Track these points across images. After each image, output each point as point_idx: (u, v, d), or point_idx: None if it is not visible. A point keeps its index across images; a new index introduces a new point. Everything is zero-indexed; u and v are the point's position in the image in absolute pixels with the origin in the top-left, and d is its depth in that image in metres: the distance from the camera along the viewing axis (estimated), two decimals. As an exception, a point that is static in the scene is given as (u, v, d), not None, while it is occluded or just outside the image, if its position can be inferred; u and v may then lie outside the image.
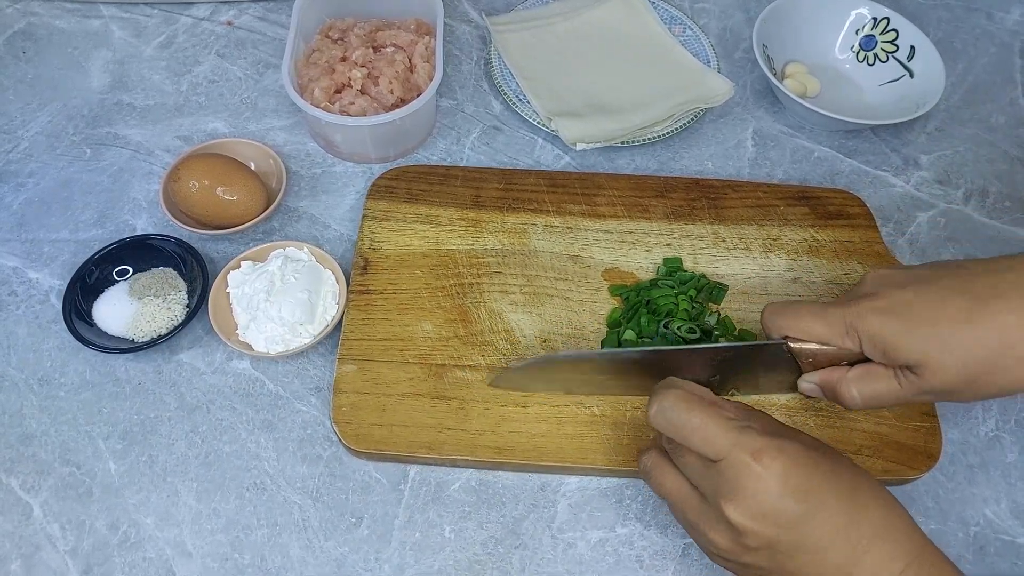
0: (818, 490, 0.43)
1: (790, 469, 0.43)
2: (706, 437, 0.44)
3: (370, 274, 0.63)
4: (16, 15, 0.83)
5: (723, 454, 0.44)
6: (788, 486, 0.42)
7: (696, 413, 0.45)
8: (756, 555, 0.44)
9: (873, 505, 0.44)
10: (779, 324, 0.52)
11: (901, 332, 0.48)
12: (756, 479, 0.43)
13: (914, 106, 0.73)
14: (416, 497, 0.56)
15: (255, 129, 0.75)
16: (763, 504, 0.43)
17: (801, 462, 0.43)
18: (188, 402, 0.60)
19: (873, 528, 0.43)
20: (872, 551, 0.43)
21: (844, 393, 0.51)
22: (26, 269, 0.66)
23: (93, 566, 0.53)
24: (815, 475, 0.43)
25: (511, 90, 0.75)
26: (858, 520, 0.43)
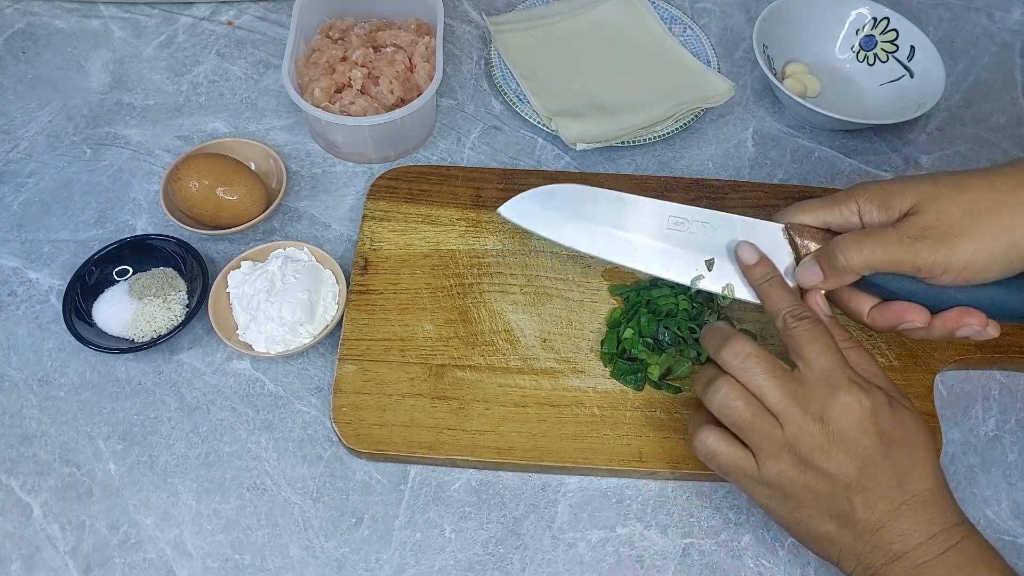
0: (891, 439, 0.46)
1: (875, 412, 0.45)
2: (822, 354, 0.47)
3: (370, 274, 0.63)
4: (16, 15, 0.83)
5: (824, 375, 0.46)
6: (870, 425, 0.45)
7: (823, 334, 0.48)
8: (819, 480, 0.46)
9: (928, 474, 0.46)
10: (783, 214, 0.54)
11: (896, 184, 0.50)
12: (848, 407, 0.45)
13: (914, 106, 0.73)
14: (416, 497, 0.56)
15: (255, 129, 0.75)
16: (846, 430, 0.45)
17: (885, 410, 0.46)
18: (188, 402, 0.60)
19: (921, 492, 0.45)
20: (917, 511, 0.45)
21: (838, 251, 0.50)
22: (26, 269, 0.66)
23: (93, 567, 0.53)
24: (893, 426, 0.46)
25: (511, 90, 0.75)
26: (911, 481, 0.45)
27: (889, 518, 0.45)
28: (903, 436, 0.46)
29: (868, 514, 0.45)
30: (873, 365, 0.50)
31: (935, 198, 0.48)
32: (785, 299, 0.50)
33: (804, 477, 0.46)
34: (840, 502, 0.45)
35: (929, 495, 0.45)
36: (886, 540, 0.45)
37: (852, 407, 0.45)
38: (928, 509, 0.45)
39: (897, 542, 0.44)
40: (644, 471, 0.56)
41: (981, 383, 0.62)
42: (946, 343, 0.61)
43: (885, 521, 0.45)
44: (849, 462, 0.45)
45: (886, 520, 0.45)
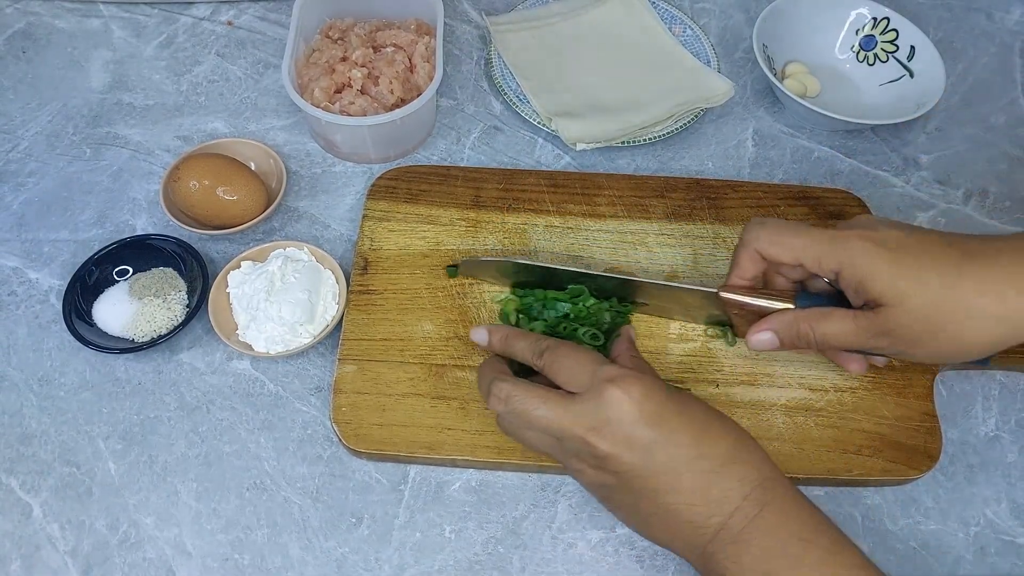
0: (670, 419, 0.46)
1: (644, 398, 0.46)
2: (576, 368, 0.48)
3: (370, 274, 0.63)
4: (16, 15, 0.83)
5: (587, 384, 0.47)
6: (643, 413, 0.45)
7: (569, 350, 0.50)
8: (617, 479, 0.46)
9: (724, 437, 0.47)
10: (758, 234, 0.53)
11: (885, 263, 0.48)
12: (614, 405, 0.45)
13: (914, 106, 0.73)
14: (416, 497, 0.56)
15: (255, 129, 0.75)
16: (621, 429, 0.45)
17: (655, 392, 0.46)
18: (188, 402, 0.60)
19: (724, 456, 0.46)
20: (722, 474, 0.45)
21: (805, 330, 0.51)
22: (26, 269, 0.66)
23: (93, 566, 0.53)
24: (668, 405, 0.46)
25: (511, 90, 0.75)
26: (709, 449, 0.46)
27: (698, 492, 0.45)
28: (682, 409, 0.47)
29: (674, 495, 0.45)
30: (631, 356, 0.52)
31: (902, 303, 0.48)
32: (528, 345, 0.52)
33: (601, 478, 0.47)
34: (645, 493, 0.46)
35: (731, 455, 0.46)
36: (704, 513, 0.45)
37: (619, 403, 0.45)
38: (734, 468, 0.45)
39: (715, 514, 0.45)
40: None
41: (981, 383, 0.62)
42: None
43: (695, 495, 0.45)
44: (636, 456, 0.45)
45: (696, 495, 0.45)
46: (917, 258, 0.48)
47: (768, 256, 0.53)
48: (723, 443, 0.46)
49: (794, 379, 0.59)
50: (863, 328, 0.49)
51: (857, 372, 0.56)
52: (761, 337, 0.53)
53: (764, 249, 0.53)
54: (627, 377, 0.46)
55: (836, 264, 0.50)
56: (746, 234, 0.54)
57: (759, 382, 0.59)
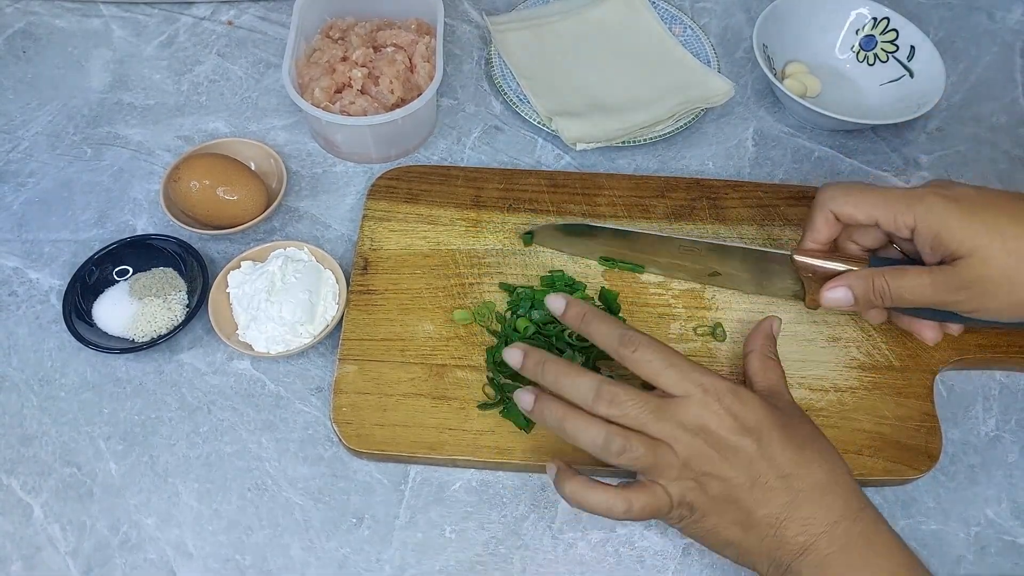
0: (769, 435, 0.46)
1: (741, 409, 0.46)
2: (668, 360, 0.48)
3: (370, 274, 0.63)
4: (16, 15, 0.83)
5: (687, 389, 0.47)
6: (740, 424, 0.46)
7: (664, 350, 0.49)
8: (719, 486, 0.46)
9: (819, 461, 0.47)
10: (833, 194, 0.53)
11: (960, 216, 0.48)
12: (717, 413, 0.46)
13: (914, 106, 0.73)
14: (417, 497, 0.56)
15: (256, 129, 0.75)
16: (724, 437, 0.46)
17: (755, 406, 0.47)
18: (189, 402, 0.60)
19: (815, 481, 0.46)
20: (814, 499, 0.45)
21: (881, 285, 0.51)
22: (26, 269, 0.66)
23: (94, 567, 0.53)
24: (767, 421, 0.47)
25: (511, 90, 0.75)
26: (804, 470, 0.46)
27: (787, 510, 0.45)
28: (775, 424, 0.47)
29: (766, 509, 0.45)
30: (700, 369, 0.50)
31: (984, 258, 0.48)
32: (611, 331, 0.50)
33: (704, 488, 0.47)
34: (740, 505, 0.46)
35: (824, 481, 0.46)
36: (790, 533, 0.45)
37: (716, 412, 0.46)
38: (825, 495, 0.45)
39: (801, 533, 0.45)
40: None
41: (981, 383, 0.62)
42: (946, 343, 0.61)
43: (784, 514, 0.45)
44: (735, 465, 0.46)
45: (785, 513, 0.45)
46: (993, 211, 0.49)
47: (843, 216, 0.52)
48: (817, 467, 0.46)
49: (794, 379, 0.59)
50: (940, 283, 0.49)
51: (932, 341, 0.56)
52: (835, 294, 0.53)
53: (839, 209, 0.52)
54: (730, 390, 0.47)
55: (911, 219, 0.50)
56: (820, 196, 0.53)
57: (760, 382, 0.59)
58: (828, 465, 0.47)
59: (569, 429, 0.48)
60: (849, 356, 0.61)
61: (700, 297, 0.63)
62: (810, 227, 0.55)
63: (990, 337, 0.62)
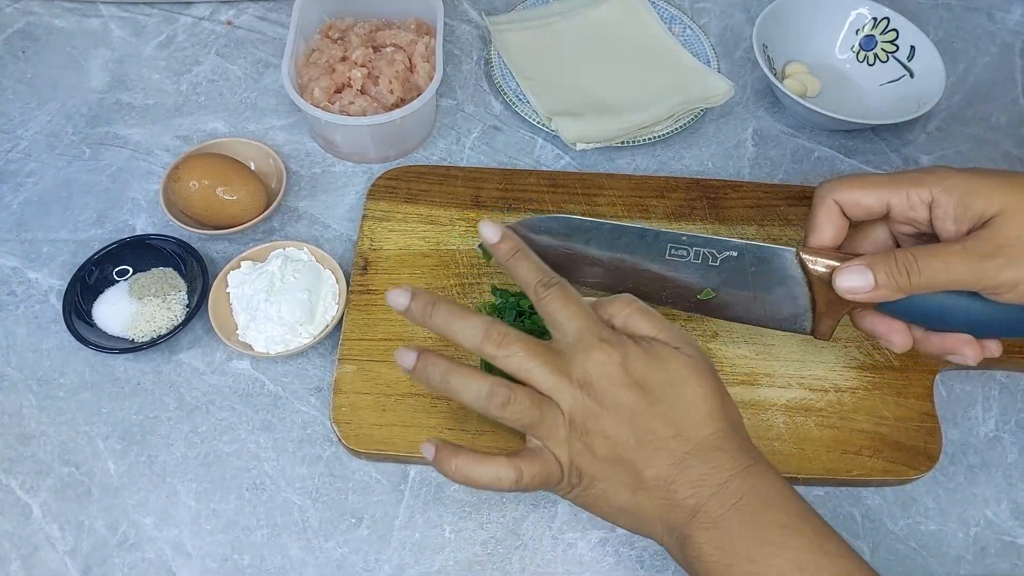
0: (660, 388, 0.44)
1: (627, 363, 0.44)
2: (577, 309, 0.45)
3: (370, 274, 0.63)
4: (15, 15, 0.83)
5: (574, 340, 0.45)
6: (627, 377, 0.44)
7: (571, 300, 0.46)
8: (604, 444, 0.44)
9: (709, 422, 0.44)
10: (833, 185, 0.48)
11: (984, 177, 0.45)
12: (598, 364, 0.44)
13: (914, 106, 0.73)
14: (416, 497, 0.56)
15: (255, 129, 0.75)
16: (608, 391, 0.44)
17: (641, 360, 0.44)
18: (188, 402, 0.60)
19: (704, 439, 0.44)
20: (702, 459, 0.43)
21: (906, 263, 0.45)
22: (26, 269, 0.66)
23: (92, 567, 0.53)
24: (658, 373, 0.44)
25: (511, 90, 0.75)
26: (692, 430, 0.44)
27: (676, 471, 0.43)
28: (665, 381, 0.44)
29: (654, 470, 0.43)
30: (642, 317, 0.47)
31: (1020, 211, 0.43)
32: (534, 270, 0.47)
33: (591, 449, 0.44)
34: (627, 465, 0.44)
35: (714, 439, 0.44)
36: (680, 496, 0.43)
37: (604, 364, 0.44)
38: (714, 455, 0.43)
39: (692, 496, 0.43)
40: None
41: (981, 383, 0.62)
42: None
43: (673, 475, 0.43)
44: (619, 421, 0.43)
45: (674, 474, 0.43)
46: (1013, 175, 0.45)
47: (848, 204, 0.48)
48: (707, 427, 0.44)
49: (794, 379, 0.59)
50: (972, 251, 0.44)
51: (973, 360, 0.49)
52: (852, 275, 0.46)
53: (844, 196, 0.48)
54: (615, 340, 0.45)
55: (927, 193, 0.46)
56: (819, 190, 0.49)
57: (759, 382, 0.59)
58: (708, 417, 0.44)
59: (453, 383, 0.45)
60: (849, 356, 0.61)
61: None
62: (813, 227, 0.50)
63: (990, 337, 0.62)
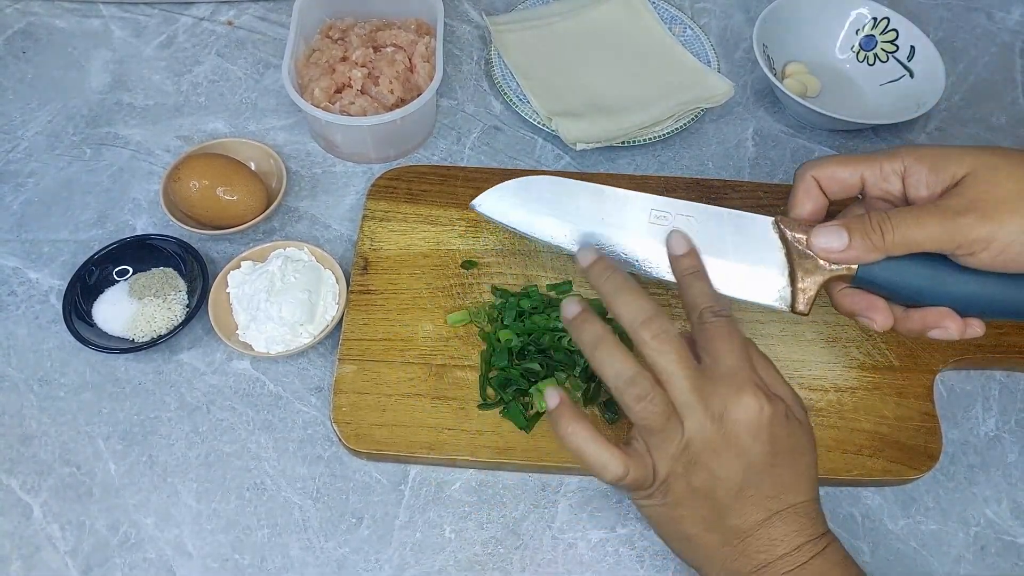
0: (780, 453, 0.45)
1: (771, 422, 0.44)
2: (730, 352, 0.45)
3: (370, 274, 0.63)
4: (16, 15, 0.83)
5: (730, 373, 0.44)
6: (764, 434, 0.44)
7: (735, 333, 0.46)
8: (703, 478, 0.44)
9: (806, 487, 0.46)
10: (812, 164, 0.50)
11: (950, 148, 0.47)
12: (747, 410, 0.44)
13: (914, 106, 0.73)
14: (416, 497, 0.56)
15: (255, 129, 0.75)
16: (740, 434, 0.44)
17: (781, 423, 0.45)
18: (188, 402, 0.60)
19: (796, 504, 0.45)
20: (787, 520, 0.44)
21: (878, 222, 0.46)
22: (26, 269, 0.66)
23: (93, 567, 0.53)
24: (785, 440, 0.45)
25: (511, 90, 0.75)
26: (789, 494, 0.45)
27: (760, 527, 0.44)
28: (791, 448, 0.45)
29: (740, 520, 0.44)
30: (778, 377, 0.48)
31: (991, 168, 0.45)
32: (707, 293, 0.47)
33: (689, 476, 0.44)
34: (717, 506, 0.44)
35: (803, 507, 0.45)
36: (754, 548, 0.44)
37: (751, 410, 0.44)
38: (799, 520, 0.45)
39: (764, 551, 0.44)
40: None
41: (981, 383, 0.62)
42: (946, 343, 0.61)
43: (755, 529, 0.44)
44: (737, 466, 0.44)
45: (757, 528, 0.44)
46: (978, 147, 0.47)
47: (824, 178, 0.50)
48: (802, 492, 0.45)
49: (794, 379, 0.59)
50: (944, 208, 0.45)
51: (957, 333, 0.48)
52: (827, 234, 0.48)
53: (820, 171, 0.50)
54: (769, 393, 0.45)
55: (899, 164, 0.48)
56: (799, 169, 0.51)
57: (759, 382, 0.59)
58: (810, 486, 0.46)
59: (599, 354, 0.45)
60: (849, 356, 0.61)
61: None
62: (793, 203, 0.51)
63: (990, 337, 0.61)
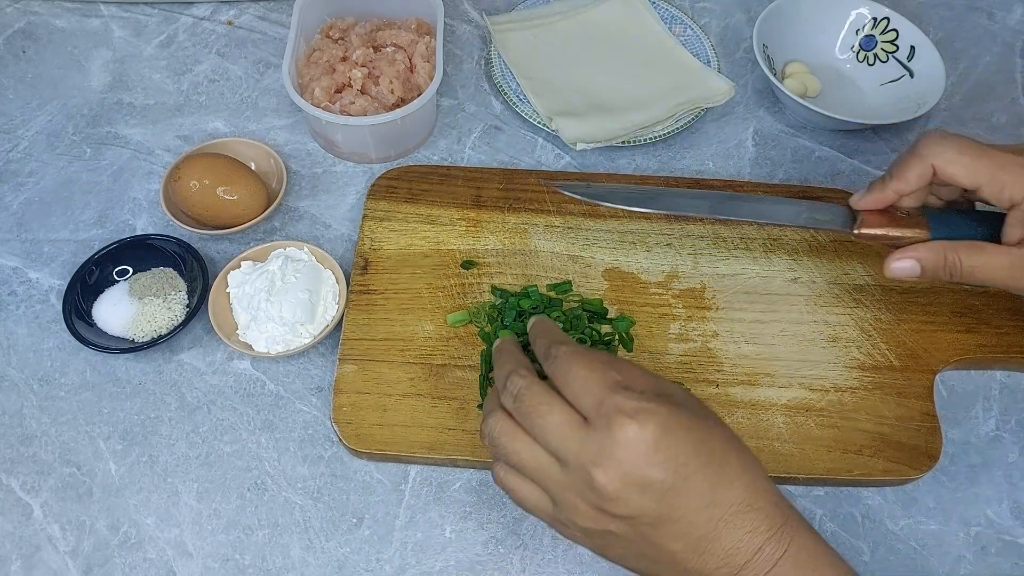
0: (688, 461, 0.41)
1: (661, 436, 0.40)
2: (582, 388, 0.42)
3: (370, 274, 0.63)
4: (16, 14, 0.83)
5: (594, 410, 0.41)
6: (659, 454, 0.40)
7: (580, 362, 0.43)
8: (620, 524, 0.41)
9: (740, 477, 0.42)
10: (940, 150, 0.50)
11: None
12: (626, 444, 0.40)
13: (914, 106, 0.73)
14: (417, 497, 0.56)
15: (255, 129, 0.75)
16: (633, 471, 0.40)
17: (673, 428, 0.41)
18: (189, 402, 0.60)
19: (738, 503, 0.41)
20: (734, 524, 0.41)
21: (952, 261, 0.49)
22: (26, 269, 0.66)
23: (93, 567, 0.53)
24: (687, 444, 0.41)
25: (511, 90, 0.75)
26: (724, 494, 0.41)
27: (707, 541, 0.41)
28: (700, 448, 0.41)
29: (682, 543, 0.41)
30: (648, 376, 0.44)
31: None
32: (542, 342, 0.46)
33: (601, 523, 0.42)
34: (649, 540, 0.41)
35: (746, 501, 0.41)
36: (711, 565, 0.41)
37: (633, 443, 0.40)
38: (746, 518, 0.41)
39: (724, 565, 0.41)
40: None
41: (981, 383, 0.62)
42: (946, 343, 0.61)
43: (704, 545, 0.41)
44: (647, 501, 0.40)
45: (704, 544, 0.41)
46: None
47: (945, 175, 0.50)
48: (738, 486, 0.41)
49: (794, 379, 0.59)
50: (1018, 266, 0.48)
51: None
52: (902, 264, 0.52)
53: (943, 167, 0.49)
54: (643, 413, 0.41)
55: (1019, 195, 0.48)
56: (924, 147, 0.50)
57: (759, 382, 0.59)
58: (749, 477, 0.42)
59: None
60: (849, 356, 0.61)
61: (700, 297, 0.63)
62: (899, 175, 0.51)
63: (990, 337, 0.62)
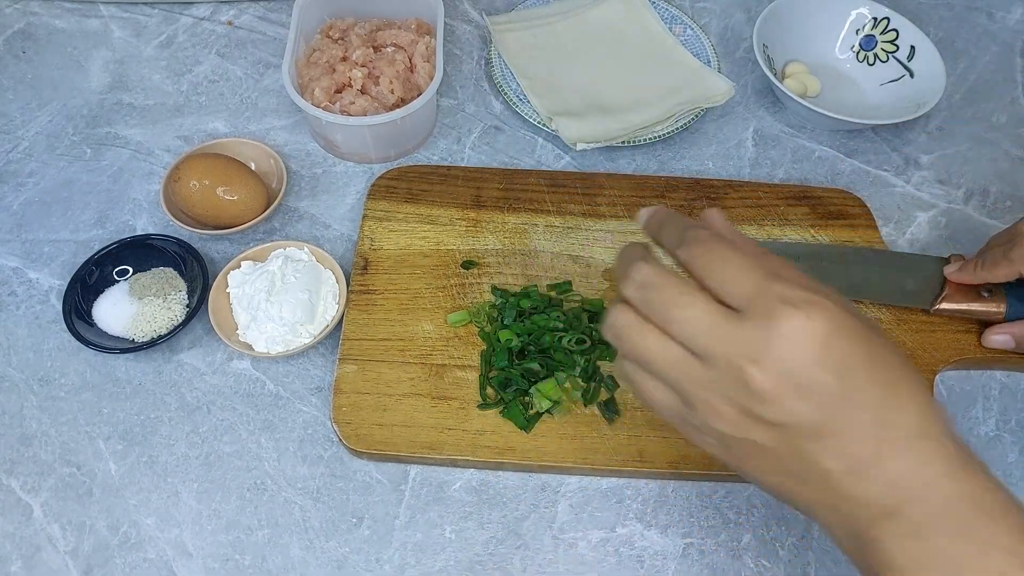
0: (858, 368, 0.35)
1: (832, 334, 0.34)
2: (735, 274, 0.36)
3: (370, 274, 0.63)
4: (16, 15, 0.83)
5: (749, 300, 0.35)
6: (828, 354, 0.34)
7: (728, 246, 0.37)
8: (768, 432, 0.36)
9: (912, 399, 0.36)
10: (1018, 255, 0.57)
11: None
12: (791, 338, 0.34)
13: (914, 106, 0.73)
14: (417, 497, 0.56)
15: (255, 129, 0.75)
16: (796, 369, 0.34)
17: (845, 329, 0.35)
18: (188, 402, 0.60)
19: (911, 427, 0.35)
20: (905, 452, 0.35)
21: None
22: (26, 269, 0.66)
23: (94, 567, 0.53)
24: (857, 349, 0.35)
25: (511, 90, 0.75)
26: (894, 416, 0.35)
27: (869, 466, 0.35)
28: (872, 359, 0.35)
29: (840, 463, 0.35)
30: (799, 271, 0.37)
31: None
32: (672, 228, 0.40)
33: (745, 430, 0.36)
34: (801, 455, 0.36)
35: (918, 428, 0.35)
36: (871, 494, 0.35)
37: (798, 337, 0.34)
38: (919, 445, 0.35)
39: (886, 496, 0.35)
40: (644, 471, 0.56)
41: (981, 383, 0.62)
42: (946, 343, 0.61)
43: (865, 469, 0.35)
44: (806, 407, 0.34)
45: (866, 468, 0.35)
46: None
47: None
48: (911, 409, 0.35)
49: (795, 379, 0.59)
50: None
51: None
52: (999, 338, 0.61)
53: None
54: (812, 303, 0.34)
55: None
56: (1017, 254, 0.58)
57: (760, 382, 0.59)
58: (922, 400, 0.36)
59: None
60: (849, 356, 0.61)
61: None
62: (990, 268, 0.59)
63: (990, 337, 0.62)
